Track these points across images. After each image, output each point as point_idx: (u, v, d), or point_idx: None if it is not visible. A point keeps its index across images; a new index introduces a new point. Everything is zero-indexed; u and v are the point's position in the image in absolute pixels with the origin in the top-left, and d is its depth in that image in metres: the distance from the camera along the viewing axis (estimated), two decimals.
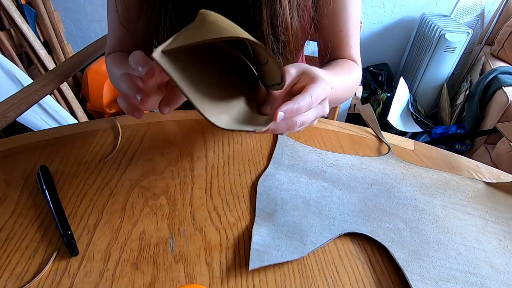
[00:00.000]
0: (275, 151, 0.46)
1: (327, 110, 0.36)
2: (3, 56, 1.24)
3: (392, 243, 0.34)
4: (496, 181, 0.44)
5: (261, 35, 0.49)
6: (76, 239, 0.34)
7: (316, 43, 0.62)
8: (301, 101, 0.32)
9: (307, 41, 0.64)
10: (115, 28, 0.56)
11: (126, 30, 0.55)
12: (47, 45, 1.55)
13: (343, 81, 0.48)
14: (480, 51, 1.74)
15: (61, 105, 1.44)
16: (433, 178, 0.43)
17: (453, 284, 0.31)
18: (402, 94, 1.75)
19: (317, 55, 0.81)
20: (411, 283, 0.31)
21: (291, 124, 0.33)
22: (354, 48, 0.58)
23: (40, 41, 1.42)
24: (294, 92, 0.35)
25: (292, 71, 0.37)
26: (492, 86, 1.48)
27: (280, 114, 0.31)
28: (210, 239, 0.35)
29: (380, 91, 1.87)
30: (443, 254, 0.34)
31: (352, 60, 0.58)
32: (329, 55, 0.58)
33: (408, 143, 0.51)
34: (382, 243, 0.34)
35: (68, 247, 0.33)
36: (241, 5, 0.48)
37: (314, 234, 0.35)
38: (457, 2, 1.73)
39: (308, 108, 0.33)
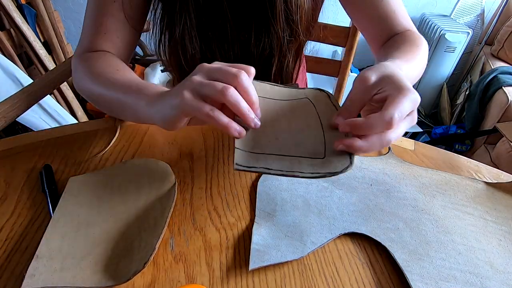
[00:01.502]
0: None
1: (415, 119, 0.32)
2: (3, 56, 1.24)
3: (392, 243, 0.34)
4: (496, 181, 0.44)
5: (274, 13, 0.47)
6: None
7: (308, 43, 0.60)
8: (381, 118, 0.29)
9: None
10: (106, 22, 0.49)
11: (131, 26, 0.52)
12: (47, 45, 1.55)
13: (415, 65, 0.44)
14: (480, 51, 1.74)
15: (61, 105, 1.44)
16: (433, 178, 0.43)
17: (453, 284, 0.31)
18: None
19: (316, 55, 0.81)
20: (411, 283, 0.31)
21: (374, 143, 0.30)
22: (403, 14, 0.53)
23: (40, 41, 1.42)
24: (375, 101, 0.32)
25: (371, 77, 0.33)
26: (492, 86, 1.48)
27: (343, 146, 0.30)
28: (210, 239, 0.35)
29: None
30: (443, 254, 0.34)
31: (406, 28, 0.53)
32: (379, 33, 0.54)
33: (408, 143, 0.51)
34: (382, 243, 0.34)
35: None
36: None
37: (314, 234, 0.35)
38: (457, 2, 1.73)
39: (388, 126, 0.29)
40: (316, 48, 0.62)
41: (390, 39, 0.53)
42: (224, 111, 0.32)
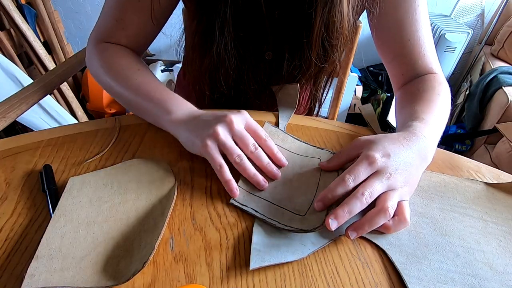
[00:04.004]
0: None
1: (388, 184, 0.35)
2: (3, 56, 1.24)
3: (390, 246, 0.34)
4: (496, 181, 0.44)
5: (310, 39, 0.46)
6: None
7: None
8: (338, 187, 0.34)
9: None
10: (132, 19, 0.50)
11: (154, 26, 0.52)
12: (47, 45, 1.55)
13: (438, 119, 0.44)
14: (480, 51, 1.74)
15: (61, 105, 1.44)
16: (432, 180, 0.43)
17: (451, 286, 0.31)
18: None
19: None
20: (409, 286, 0.31)
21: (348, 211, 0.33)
22: (429, 54, 0.51)
23: (40, 41, 1.42)
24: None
25: (360, 139, 0.39)
26: (492, 86, 1.48)
27: (332, 222, 0.33)
28: (210, 239, 0.35)
29: (380, 91, 1.87)
30: (441, 256, 0.34)
31: (429, 71, 0.51)
32: (402, 72, 0.53)
33: None
34: (381, 246, 0.34)
35: None
36: (296, 6, 0.45)
37: (314, 235, 0.35)
38: (457, 2, 1.73)
39: (343, 184, 0.35)
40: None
41: (410, 82, 0.52)
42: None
